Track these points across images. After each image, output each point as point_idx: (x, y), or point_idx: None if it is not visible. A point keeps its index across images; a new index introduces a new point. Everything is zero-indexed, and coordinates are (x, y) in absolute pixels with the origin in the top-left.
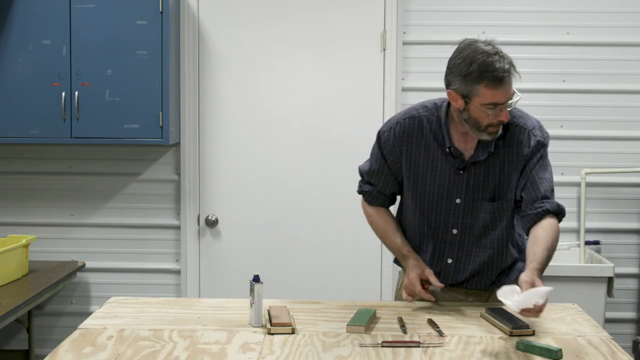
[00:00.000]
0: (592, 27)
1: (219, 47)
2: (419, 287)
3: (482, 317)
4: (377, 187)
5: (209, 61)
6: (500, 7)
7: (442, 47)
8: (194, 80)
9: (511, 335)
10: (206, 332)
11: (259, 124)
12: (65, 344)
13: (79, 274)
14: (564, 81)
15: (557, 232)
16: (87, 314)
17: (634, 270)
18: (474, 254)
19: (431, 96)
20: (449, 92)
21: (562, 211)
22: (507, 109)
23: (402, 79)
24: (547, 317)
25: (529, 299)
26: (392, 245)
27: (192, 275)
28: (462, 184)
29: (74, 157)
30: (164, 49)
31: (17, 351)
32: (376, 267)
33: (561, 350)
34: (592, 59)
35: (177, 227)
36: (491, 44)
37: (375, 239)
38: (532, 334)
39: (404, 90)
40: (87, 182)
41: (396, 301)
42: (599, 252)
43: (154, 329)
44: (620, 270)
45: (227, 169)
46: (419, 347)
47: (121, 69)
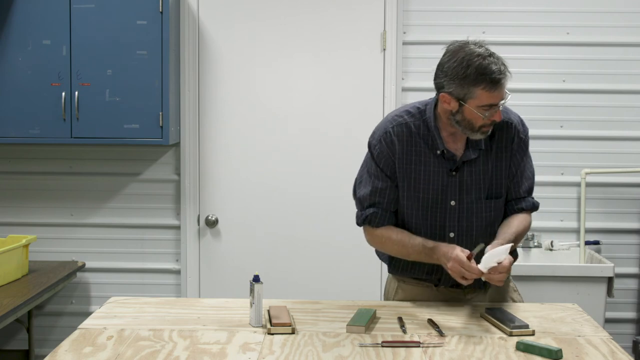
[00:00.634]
0: (592, 27)
1: (219, 47)
2: (467, 261)
3: (482, 317)
4: (382, 206)
5: (209, 61)
6: (500, 7)
7: (442, 47)
8: (194, 80)
9: (511, 335)
10: (206, 332)
11: (259, 124)
12: (65, 344)
13: (79, 274)
14: (564, 81)
15: (529, 223)
16: (87, 314)
17: (634, 270)
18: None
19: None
20: (442, 94)
21: (536, 208)
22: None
23: (402, 79)
24: (547, 317)
25: (492, 258)
26: (414, 248)
27: (192, 275)
28: (455, 185)
29: (74, 157)
30: (164, 49)
31: (17, 351)
32: (376, 267)
33: (561, 350)
34: (592, 59)
35: (177, 227)
36: (483, 45)
37: None
38: (532, 334)
39: (404, 90)
40: (87, 182)
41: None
42: (599, 252)
43: (154, 329)
44: (620, 270)
45: (227, 169)
46: (419, 347)
47: (121, 69)
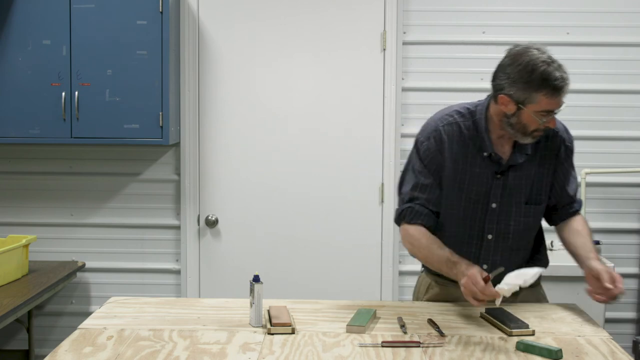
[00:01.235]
0: (592, 27)
1: (219, 47)
2: (481, 282)
3: (482, 317)
4: (419, 202)
5: (209, 61)
6: (500, 7)
7: (442, 47)
8: (194, 80)
9: (511, 335)
10: (206, 332)
11: (259, 124)
12: (65, 344)
13: (79, 274)
14: None
15: (586, 222)
16: (87, 314)
17: (634, 270)
18: (507, 257)
19: (431, 96)
20: (502, 96)
21: (581, 206)
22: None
23: (402, 79)
24: (547, 317)
25: (518, 278)
26: (439, 258)
27: (192, 275)
28: (498, 188)
29: (74, 157)
30: (164, 49)
31: (17, 351)
32: (376, 267)
33: (561, 350)
34: (592, 59)
35: (177, 227)
36: (545, 51)
37: (375, 239)
38: (532, 334)
39: (404, 90)
40: (87, 182)
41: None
42: (599, 252)
43: (154, 329)
44: (620, 270)
45: (227, 169)
46: (419, 347)
47: (121, 69)
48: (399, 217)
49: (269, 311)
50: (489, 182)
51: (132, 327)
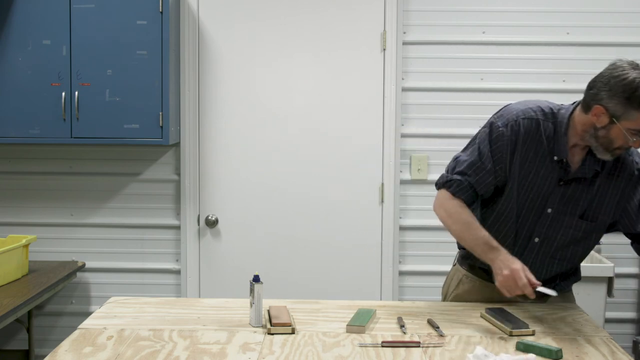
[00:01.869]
0: (592, 27)
1: (219, 47)
2: (524, 279)
3: (482, 317)
4: (470, 180)
5: (209, 61)
6: (500, 7)
7: (442, 47)
8: (194, 80)
9: (511, 335)
10: (206, 332)
11: (259, 124)
12: (65, 344)
13: (79, 274)
14: (564, 81)
15: None
16: (87, 314)
17: (634, 270)
18: (547, 265)
19: (431, 96)
20: (597, 107)
21: None
22: None
23: (402, 79)
24: (547, 317)
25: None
26: (475, 239)
27: (192, 275)
28: (558, 195)
29: (74, 157)
30: (164, 49)
31: (17, 351)
32: (376, 267)
33: (561, 350)
34: (592, 59)
35: (177, 227)
36: None
37: (375, 239)
38: (532, 334)
39: (404, 90)
40: (87, 182)
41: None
42: (599, 252)
43: (154, 329)
44: (620, 270)
45: (227, 169)
46: (419, 347)
47: (121, 69)
48: (445, 184)
49: (269, 311)
50: (551, 187)
51: (132, 327)
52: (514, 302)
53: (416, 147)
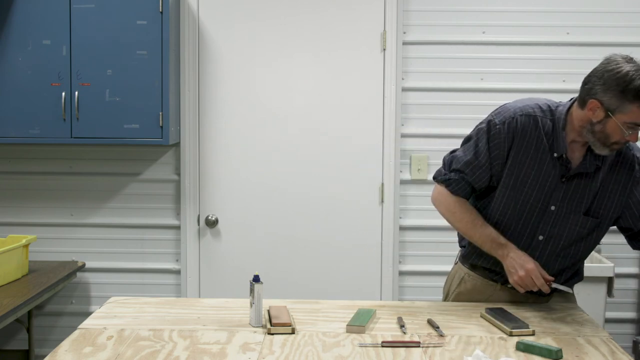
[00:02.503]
0: (592, 27)
1: (219, 47)
2: (541, 278)
3: (482, 317)
4: (467, 178)
5: (209, 61)
6: (500, 7)
7: (442, 47)
8: (194, 80)
9: (511, 335)
10: (206, 332)
11: (259, 124)
12: (65, 344)
13: (79, 274)
14: (564, 81)
15: None
16: (87, 314)
17: (634, 270)
18: (552, 262)
19: (431, 96)
20: (593, 101)
21: None
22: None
23: (402, 79)
24: (547, 317)
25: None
26: (482, 236)
27: (192, 275)
28: (560, 192)
29: (74, 157)
30: (164, 49)
31: (17, 351)
32: (376, 267)
33: (561, 350)
34: (591, 59)
35: (177, 227)
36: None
37: (375, 239)
38: (532, 334)
39: (404, 90)
40: (87, 182)
41: (395, 301)
42: (599, 252)
43: (154, 329)
44: (620, 270)
45: (227, 169)
46: (419, 347)
47: (121, 69)
48: (445, 182)
49: (269, 311)
50: (553, 185)
51: (132, 327)
52: (514, 302)
53: (416, 147)
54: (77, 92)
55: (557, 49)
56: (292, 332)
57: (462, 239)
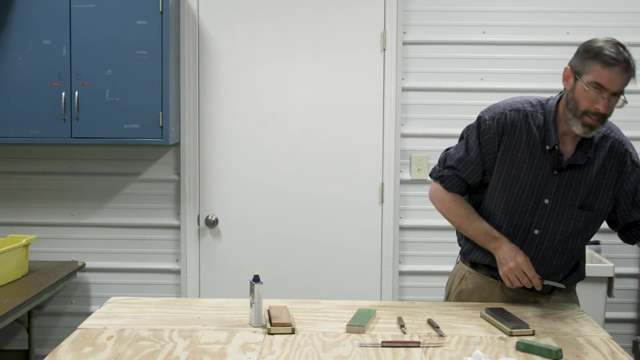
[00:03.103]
0: (592, 27)
1: (219, 47)
2: (532, 271)
3: (482, 317)
4: (460, 174)
5: (209, 61)
6: (500, 7)
7: (442, 47)
8: (194, 80)
9: (511, 335)
10: (206, 332)
11: (259, 124)
12: (65, 344)
13: (79, 274)
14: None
15: None
16: (87, 314)
17: (634, 270)
18: (549, 257)
19: (431, 96)
20: (565, 68)
21: None
22: (610, 104)
23: (402, 79)
24: (547, 317)
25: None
26: (476, 229)
27: (192, 275)
28: (553, 185)
29: (74, 157)
30: (164, 49)
31: (17, 351)
32: (376, 267)
33: (561, 350)
34: None
35: (177, 227)
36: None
37: (375, 239)
38: (532, 334)
39: (404, 90)
40: (87, 182)
41: (395, 301)
42: (599, 252)
43: (154, 329)
44: (620, 270)
45: (227, 169)
46: (419, 347)
47: (121, 69)
48: (439, 178)
49: (269, 311)
50: (545, 178)
51: (132, 327)
52: (515, 301)
53: (416, 147)
54: (77, 92)
55: (557, 49)
56: (292, 332)
57: (460, 237)
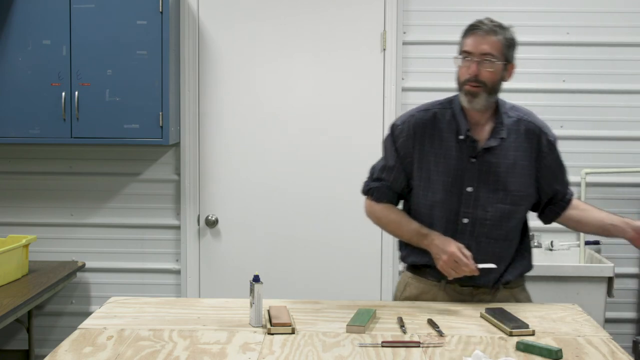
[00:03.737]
0: (592, 27)
1: (219, 47)
2: (464, 258)
3: (482, 317)
4: (386, 183)
5: (209, 61)
6: (500, 7)
7: (442, 47)
8: (194, 80)
9: (511, 335)
10: (206, 332)
11: (259, 124)
12: (65, 344)
13: (79, 274)
14: (564, 81)
15: None
16: (87, 314)
17: (634, 270)
18: (484, 244)
19: (431, 96)
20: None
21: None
22: (483, 67)
23: (402, 79)
24: (547, 317)
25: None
26: (408, 232)
27: (192, 275)
28: (474, 171)
29: (74, 157)
30: (164, 49)
31: (17, 351)
32: (376, 267)
33: (561, 350)
34: (592, 59)
35: (177, 227)
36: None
37: (375, 239)
38: (532, 334)
39: (404, 90)
40: (87, 182)
41: (395, 301)
42: (599, 252)
43: (154, 329)
44: (620, 270)
45: (227, 169)
46: (419, 347)
47: (121, 69)
48: (368, 192)
49: (269, 311)
50: (464, 166)
51: (132, 327)
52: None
53: None
54: (77, 92)
55: (557, 49)
56: (292, 332)
57: (400, 244)
